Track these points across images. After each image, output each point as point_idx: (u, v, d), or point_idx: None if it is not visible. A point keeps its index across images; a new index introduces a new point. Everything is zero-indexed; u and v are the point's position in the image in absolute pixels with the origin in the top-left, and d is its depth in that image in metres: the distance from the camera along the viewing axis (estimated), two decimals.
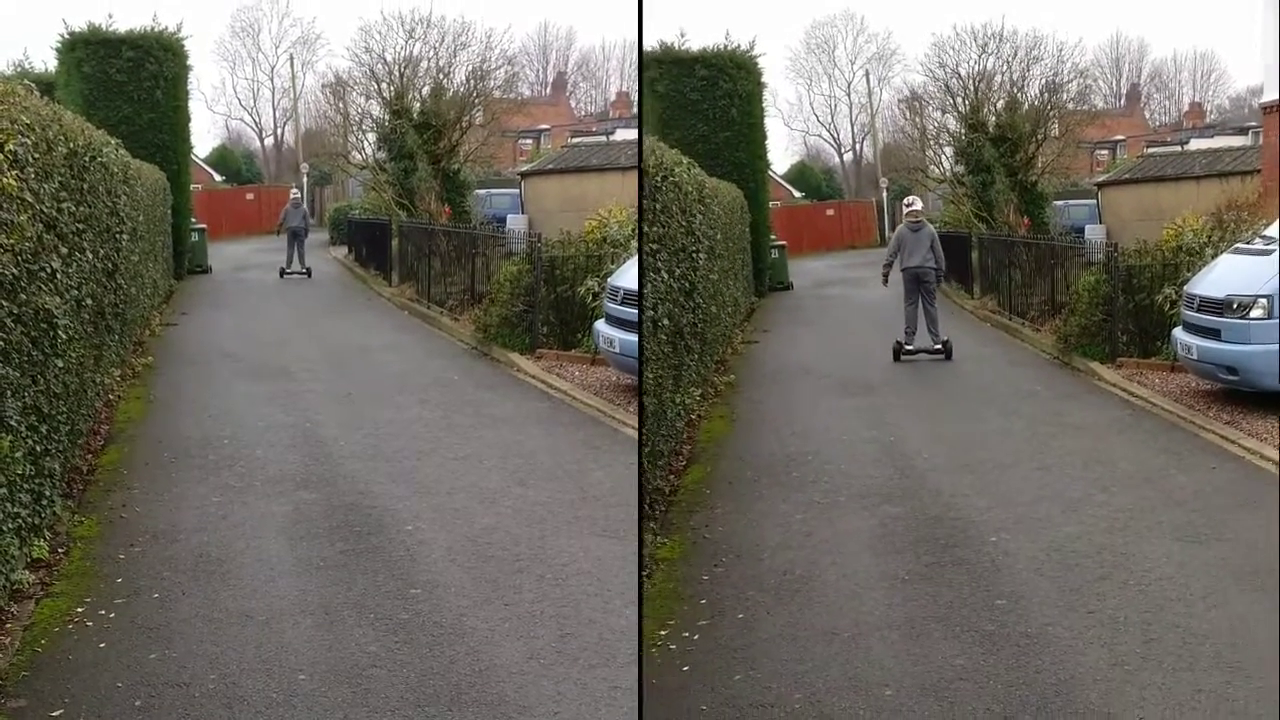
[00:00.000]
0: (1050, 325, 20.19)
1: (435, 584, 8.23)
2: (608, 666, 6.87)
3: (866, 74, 78.97)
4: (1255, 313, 13.35)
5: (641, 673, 6.82)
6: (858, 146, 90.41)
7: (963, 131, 30.72)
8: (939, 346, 18.72)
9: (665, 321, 10.89)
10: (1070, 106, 31.06)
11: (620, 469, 11.20)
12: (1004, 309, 24.46)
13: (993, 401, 15.29)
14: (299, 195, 32.48)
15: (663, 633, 7.56)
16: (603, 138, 29.79)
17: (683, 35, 32.32)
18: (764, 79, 32.10)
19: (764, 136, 32.74)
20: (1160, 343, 16.83)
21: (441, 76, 29.56)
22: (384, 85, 29.41)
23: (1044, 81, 30.34)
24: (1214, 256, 16.09)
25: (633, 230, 16.22)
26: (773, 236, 34.26)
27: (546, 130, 42.45)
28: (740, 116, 30.50)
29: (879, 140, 71.21)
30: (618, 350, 14.11)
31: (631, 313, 12.56)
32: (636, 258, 9.49)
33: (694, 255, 13.17)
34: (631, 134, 26.89)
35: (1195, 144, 35.42)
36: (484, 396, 14.98)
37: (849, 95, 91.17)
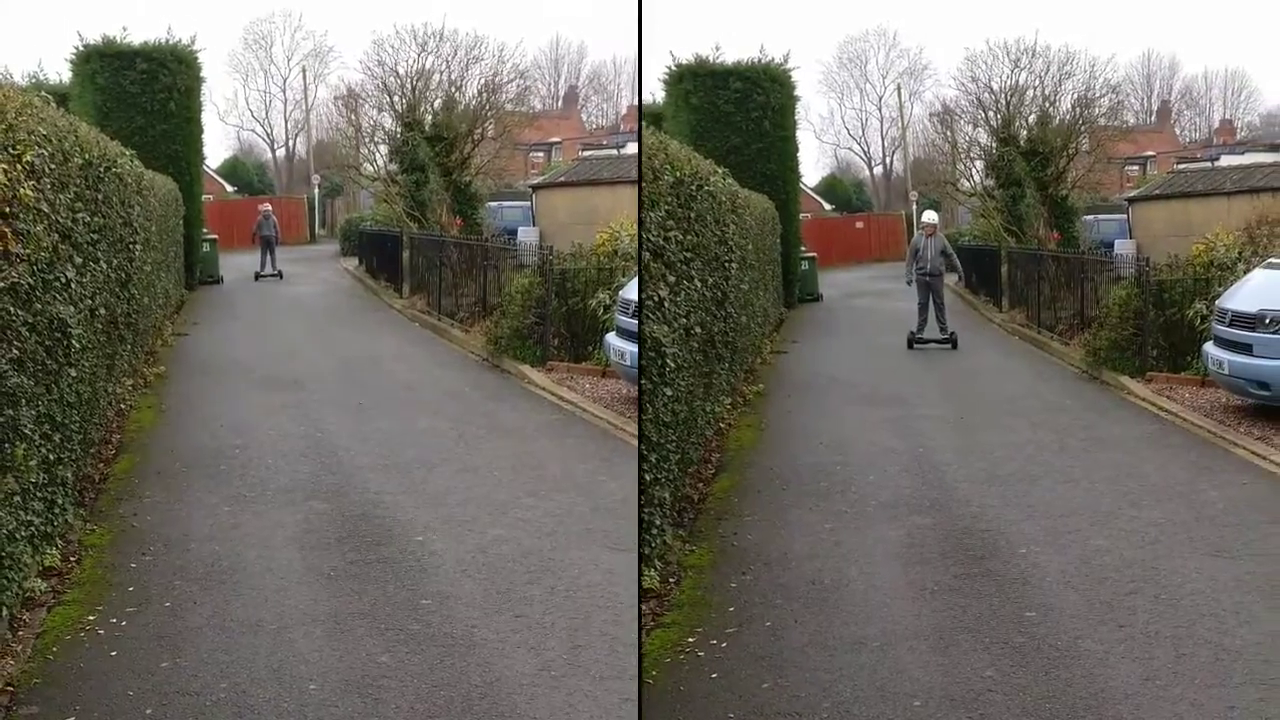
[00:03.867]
0: (1079, 339, 20.16)
1: (446, 595, 8.20)
2: (619, 679, 6.83)
3: (898, 88, 78.92)
4: None
5: (641, 687, 6.82)
6: (888, 160, 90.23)
7: (994, 145, 30.67)
8: (946, 337, 21.96)
9: (698, 330, 10.89)
10: (1102, 122, 30.99)
11: (632, 481, 11.12)
12: (1033, 322, 24.43)
13: (1021, 414, 15.26)
14: (269, 208, 33.63)
15: (691, 639, 7.55)
16: (614, 151, 30.05)
17: (718, 49, 32.41)
18: (797, 92, 32.18)
19: (796, 149, 32.77)
20: (1191, 357, 16.76)
21: (454, 90, 29.85)
22: (396, 98, 29.67)
23: (1076, 97, 30.30)
24: (1246, 272, 16.03)
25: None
26: (803, 248, 34.27)
27: (558, 143, 43.07)
28: (773, 129, 30.56)
29: (909, 154, 71.24)
30: (628, 363, 14.01)
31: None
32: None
33: (726, 265, 13.19)
34: None
35: (1226, 160, 35.27)
36: (495, 408, 14.98)
37: (880, 109, 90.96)
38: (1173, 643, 7.27)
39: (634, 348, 13.59)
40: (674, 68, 30.84)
